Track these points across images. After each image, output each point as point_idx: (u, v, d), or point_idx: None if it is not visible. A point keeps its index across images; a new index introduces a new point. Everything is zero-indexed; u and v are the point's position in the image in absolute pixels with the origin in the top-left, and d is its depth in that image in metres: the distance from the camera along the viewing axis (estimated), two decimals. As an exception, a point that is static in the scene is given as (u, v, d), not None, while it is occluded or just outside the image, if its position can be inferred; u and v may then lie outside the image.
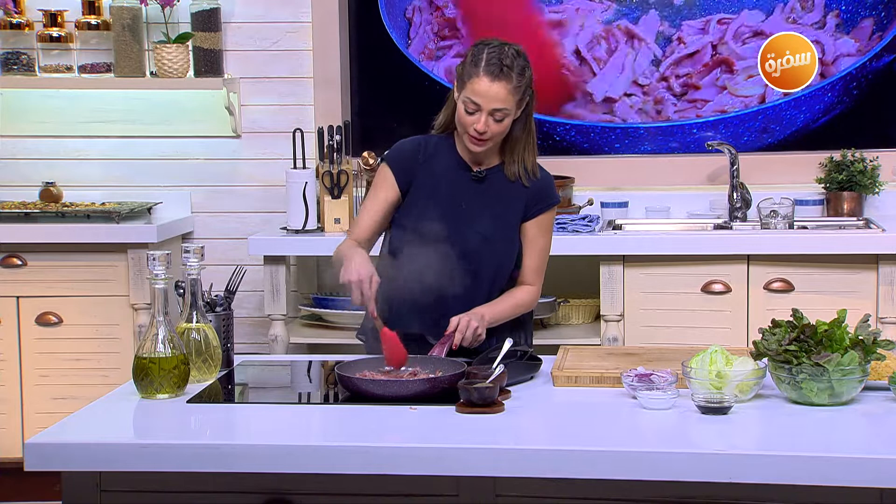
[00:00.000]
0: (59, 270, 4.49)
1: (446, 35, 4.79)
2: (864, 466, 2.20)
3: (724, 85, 4.73)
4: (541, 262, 3.18)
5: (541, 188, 3.14)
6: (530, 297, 3.16)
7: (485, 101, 2.96)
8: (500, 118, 2.99)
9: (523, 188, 3.12)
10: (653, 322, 4.26)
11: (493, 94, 2.96)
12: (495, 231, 3.11)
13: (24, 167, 4.87)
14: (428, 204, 3.10)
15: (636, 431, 2.45)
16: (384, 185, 3.14)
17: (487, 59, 2.97)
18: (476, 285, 3.09)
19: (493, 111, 2.97)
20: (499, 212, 3.11)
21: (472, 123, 2.99)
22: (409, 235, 3.08)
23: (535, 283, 3.17)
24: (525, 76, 3.01)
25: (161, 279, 2.65)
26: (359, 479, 2.35)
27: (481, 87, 2.96)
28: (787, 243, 4.23)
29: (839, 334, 2.55)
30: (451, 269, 3.06)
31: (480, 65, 2.97)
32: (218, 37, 4.70)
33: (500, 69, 2.96)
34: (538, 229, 3.15)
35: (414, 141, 3.18)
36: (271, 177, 4.79)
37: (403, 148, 3.18)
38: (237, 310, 3.32)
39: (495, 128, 3.00)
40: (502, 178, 3.12)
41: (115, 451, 2.37)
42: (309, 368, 3.10)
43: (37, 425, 4.42)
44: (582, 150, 4.80)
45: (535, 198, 3.13)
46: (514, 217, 3.13)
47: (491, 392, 2.53)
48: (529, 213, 3.13)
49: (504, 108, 2.97)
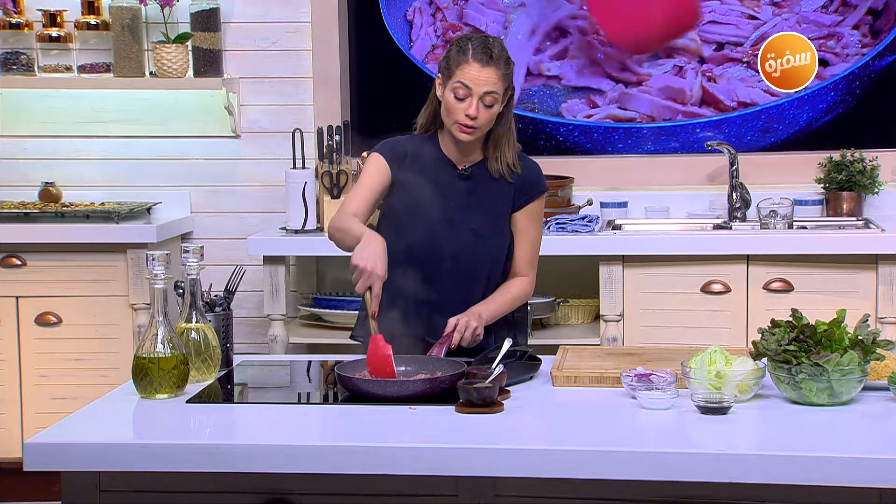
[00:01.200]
0: (58, 270, 4.49)
1: (451, 38, 4.79)
2: (863, 466, 2.20)
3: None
4: (532, 252, 3.18)
5: (527, 178, 3.15)
6: (524, 288, 3.16)
7: (476, 85, 2.99)
8: (489, 103, 3.01)
9: (509, 181, 3.13)
10: (652, 322, 4.26)
11: (485, 77, 2.99)
12: (486, 226, 3.11)
13: (24, 167, 4.87)
14: (418, 203, 3.10)
15: (635, 431, 2.44)
16: (377, 172, 3.12)
17: (475, 47, 3.01)
18: (471, 282, 3.10)
19: (483, 95, 2.99)
20: (488, 207, 3.12)
21: (463, 109, 3.01)
22: (401, 235, 3.08)
23: (528, 274, 3.17)
24: (510, 67, 3.05)
25: (160, 279, 2.65)
26: (358, 479, 2.35)
27: (472, 71, 2.99)
28: (786, 243, 4.23)
29: (838, 334, 2.55)
30: (446, 268, 3.07)
31: (469, 52, 3.01)
32: (217, 37, 4.70)
33: (489, 55, 3.00)
34: (527, 219, 3.15)
35: (404, 138, 3.20)
36: (271, 177, 4.79)
37: (395, 142, 3.19)
38: (236, 310, 3.31)
39: (484, 114, 3.02)
40: (487, 174, 3.13)
41: (114, 451, 2.36)
42: (308, 368, 3.10)
43: (36, 425, 4.42)
44: (585, 150, 4.80)
45: (522, 188, 3.14)
46: (503, 210, 3.13)
47: (490, 392, 2.53)
48: (518, 203, 3.14)
49: (494, 91, 3.00)
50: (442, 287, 3.07)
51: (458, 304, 3.05)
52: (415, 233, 3.08)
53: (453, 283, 3.08)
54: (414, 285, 3.04)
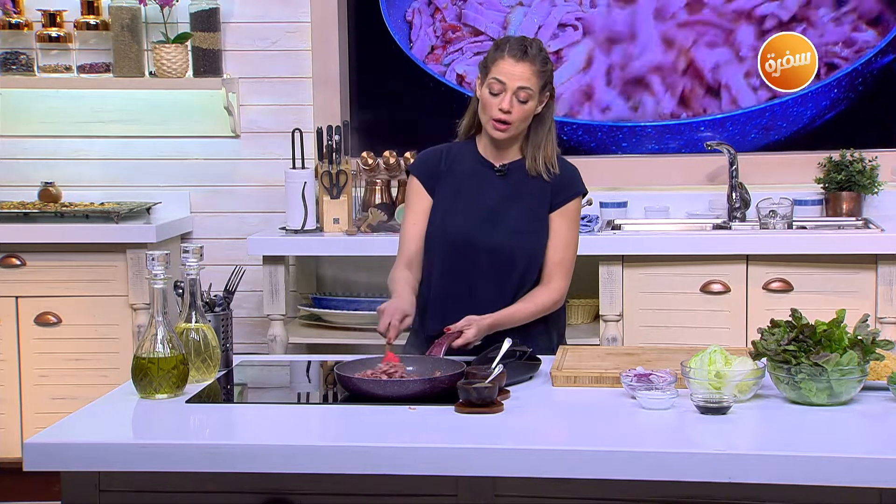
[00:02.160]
0: (58, 270, 4.49)
1: (451, 38, 4.79)
2: (863, 466, 2.20)
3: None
4: (564, 254, 3.17)
5: (564, 179, 3.18)
6: (552, 297, 3.15)
7: (510, 79, 3.04)
8: (524, 98, 3.06)
9: (546, 181, 3.16)
10: (652, 322, 4.26)
11: (519, 72, 3.05)
12: (524, 224, 3.14)
13: (23, 167, 4.87)
14: (455, 203, 3.16)
15: (635, 431, 2.44)
16: (417, 196, 3.21)
17: (511, 45, 3.09)
18: (506, 278, 3.12)
19: (517, 90, 3.05)
20: (525, 204, 3.15)
21: (496, 104, 3.06)
22: (439, 234, 3.15)
23: (558, 280, 3.16)
24: (547, 67, 3.11)
25: (160, 279, 2.65)
26: (358, 479, 2.35)
27: (506, 66, 3.05)
28: (785, 243, 4.23)
29: (838, 334, 2.55)
30: (482, 262, 3.11)
31: (505, 49, 3.08)
32: (217, 37, 4.70)
33: (524, 52, 3.07)
34: (562, 219, 3.17)
35: (436, 149, 3.26)
36: (270, 177, 4.79)
37: (426, 156, 3.26)
38: (236, 310, 3.32)
39: (518, 110, 3.06)
40: (524, 172, 3.16)
41: (114, 451, 2.36)
42: (308, 368, 3.10)
43: (36, 425, 4.42)
44: (589, 149, 4.80)
45: (559, 188, 3.17)
46: (541, 208, 3.16)
47: (490, 392, 2.53)
48: (554, 203, 3.16)
49: (528, 87, 3.05)
50: (478, 284, 3.11)
51: (492, 299, 3.09)
52: (453, 229, 3.13)
53: (489, 279, 3.11)
54: (452, 284, 3.11)
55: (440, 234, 3.15)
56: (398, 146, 4.54)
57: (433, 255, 3.17)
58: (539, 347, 3.07)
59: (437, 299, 3.15)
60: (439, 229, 3.16)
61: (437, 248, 3.16)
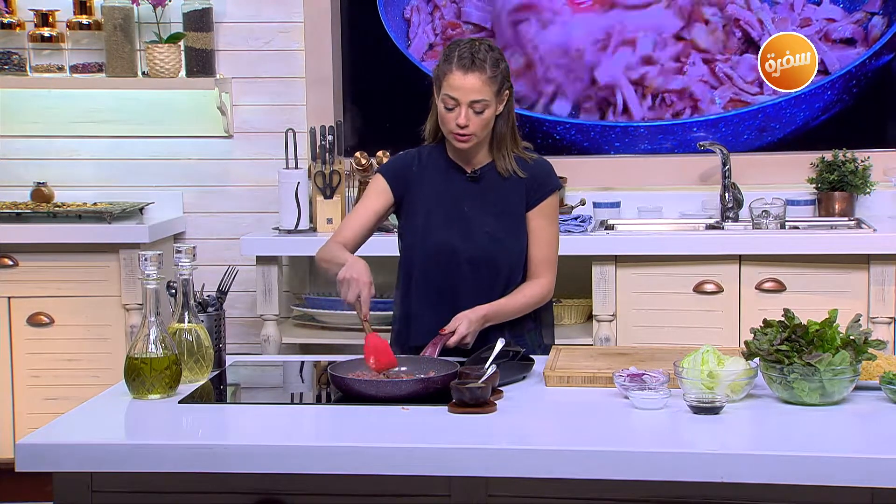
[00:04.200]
0: (50, 271, 4.49)
1: (451, 35, 4.78)
2: (855, 466, 2.20)
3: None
4: (548, 251, 3.14)
5: (538, 176, 3.13)
6: (540, 291, 3.13)
7: (461, 93, 2.98)
8: (479, 110, 3.00)
9: (520, 179, 3.12)
10: (645, 322, 4.26)
11: (469, 85, 2.98)
12: (501, 229, 3.10)
13: (16, 167, 4.87)
14: (431, 212, 3.11)
15: (628, 431, 2.45)
16: (375, 194, 3.15)
17: (459, 55, 3.00)
18: (491, 286, 3.09)
19: (471, 103, 2.99)
20: (501, 208, 3.11)
21: (453, 119, 3.01)
22: (418, 245, 3.10)
23: (545, 275, 3.14)
24: (499, 68, 3.03)
25: (153, 279, 2.65)
26: (351, 480, 2.35)
27: (455, 80, 2.98)
28: (778, 243, 4.23)
29: (830, 334, 2.55)
30: (465, 273, 3.07)
31: (453, 61, 3.00)
32: (210, 37, 4.70)
33: (471, 61, 2.99)
34: (541, 217, 3.13)
35: (408, 154, 3.20)
36: (263, 177, 4.79)
37: (397, 159, 3.22)
38: (229, 310, 3.32)
39: (476, 121, 3.01)
40: (496, 175, 3.12)
41: (106, 451, 2.36)
42: (301, 369, 3.10)
43: (28, 426, 4.41)
44: (582, 148, 4.80)
45: (534, 186, 3.13)
46: (517, 210, 3.12)
47: (483, 392, 2.53)
48: (531, 202, 3.13)
49: (481, 98, 2.99)
50: (462, 293, 3.07)
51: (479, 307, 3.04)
52: (432, 240, 3.09)
53: (473, 287, 3.07)
54: (436, 295, 3.07)
55: (420, 247, 3.10)
56: (392, 146, 4.54)
57: (413, 268, 3.11)
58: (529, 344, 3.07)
59: (420, 313, 3.10)
60: (418, 243, 3.10)
61: (417, 261, 3.10)
